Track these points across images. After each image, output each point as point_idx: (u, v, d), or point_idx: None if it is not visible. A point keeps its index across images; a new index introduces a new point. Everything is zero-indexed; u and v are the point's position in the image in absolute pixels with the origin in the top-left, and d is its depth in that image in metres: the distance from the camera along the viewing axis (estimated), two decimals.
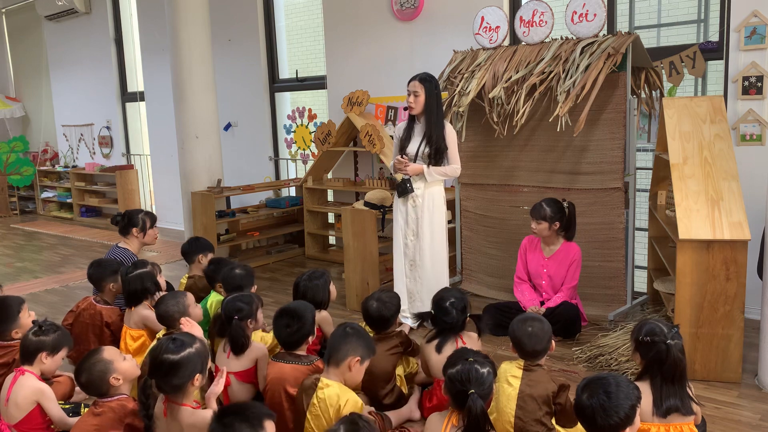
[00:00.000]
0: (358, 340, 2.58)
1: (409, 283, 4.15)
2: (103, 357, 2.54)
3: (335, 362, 2.55)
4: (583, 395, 2.07)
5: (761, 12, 3.98)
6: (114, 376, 2.51)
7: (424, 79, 3.96)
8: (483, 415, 2.17)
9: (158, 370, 2.28)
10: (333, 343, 2.58)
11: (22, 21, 10.38)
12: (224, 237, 6.06)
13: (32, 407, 2.69)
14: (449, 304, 3.01)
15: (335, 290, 3.64)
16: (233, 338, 3.00)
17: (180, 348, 2.29)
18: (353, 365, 2.54)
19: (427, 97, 3.96)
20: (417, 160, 4.02)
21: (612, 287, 4.27)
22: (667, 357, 2.35)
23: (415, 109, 3.98)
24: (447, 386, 2.30)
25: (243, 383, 3.05)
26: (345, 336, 2.58)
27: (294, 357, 2.83)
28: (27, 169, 9.88)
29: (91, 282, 3.84)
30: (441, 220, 4.10)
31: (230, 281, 3.53)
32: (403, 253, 4.15)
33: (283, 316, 2.87)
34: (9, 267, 6.54)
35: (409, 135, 4.07)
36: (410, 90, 3.97)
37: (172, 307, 3.14)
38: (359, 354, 2.56)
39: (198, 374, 2.32)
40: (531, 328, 2.60)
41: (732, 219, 3.20)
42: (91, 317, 3.68)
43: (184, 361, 2.27)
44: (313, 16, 6.87)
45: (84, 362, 2.54)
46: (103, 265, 3.82)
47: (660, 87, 4.43)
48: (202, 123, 6.00)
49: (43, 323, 2.86)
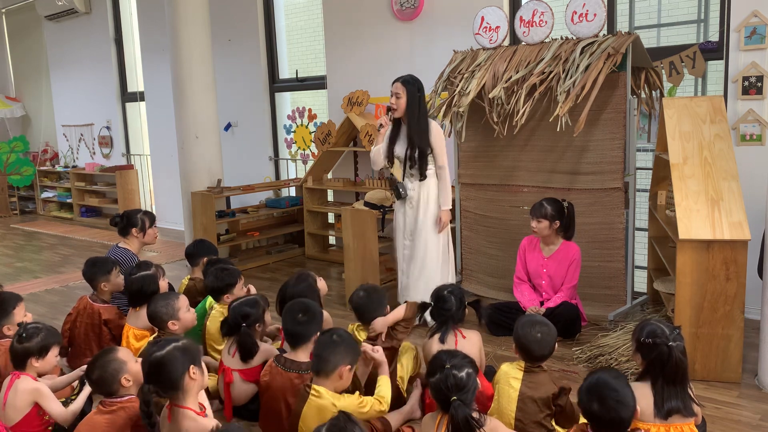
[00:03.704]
0: (346, 348, 2.55)
1: (406, 281, 4.19)
2: (117, 357, 2.55)
3: (325, 373, 2.51)
4: (593, 404, 2.08)
5: (761, 12, 3.98)
6: (126, 376, 2.52)
7: (406, 81, 4.01)
8: (466, 422, 2.17)
9: (149, 373, 2.28)
10: (321, 353, 2.53)
11: (22, 21, 10.37)
12: (224, 237, 6.06)
13: (30, 408, 2.69)
14: (447, 293, 3.06)
15: (324, 284, 3.59)
16: (242, 346, 2.99)
17: (163, 347, 2.29)
18: (344, 373, 2.53)
19: (408, 99, 3.99)
20: (406, 162, 4.07)
21: (612, 287, 4.27)
22: (669, 359, 2.33)
23: (397, 111, 4.03)
24: (431, 393, 2.31)
25: (246, 382, 3.05)
26: (333, 345, 2.53)
27: (295, 364, 2.78)
28: (27, 169, 9.88)
29: (86, 280, 3.83)
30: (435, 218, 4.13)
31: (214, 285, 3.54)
32: (402, 254, 4.22)
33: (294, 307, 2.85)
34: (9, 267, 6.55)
35: (395, 137, 4.12)
36: (392, 91, 4.03)
37: (161, 308, 3.14)
38: (348, 362, 2.54)
39: (191, 366, 2.29)
40: (540, 334, 2.58)
41: (732, 219, 3.20)
42: (89, 316, 3.68)
43: (169, 356, 2.26)
44: (313, 16, 6.87)
45: (98, 359, 2.54)
46: (99, 263, 3.82)
47: (660, 87, 4.42)
48: (202, 123, 6.00)
49: (26, 328, 2.81)
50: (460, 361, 2.29)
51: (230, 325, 3.08)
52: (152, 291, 3.47)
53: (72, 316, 3.76)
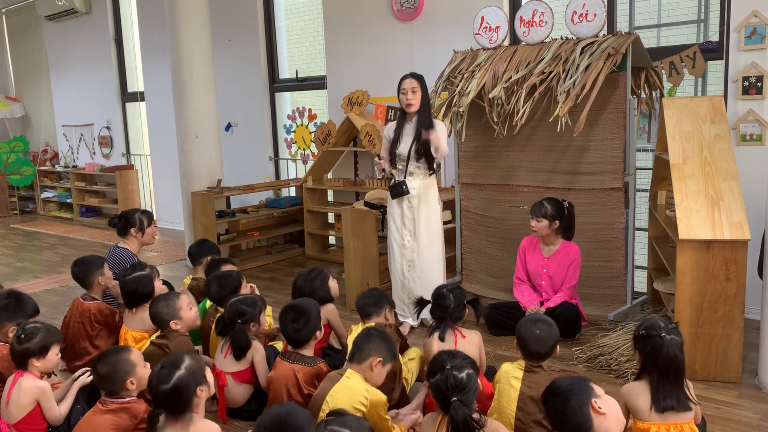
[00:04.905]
0: (381, 342, 2.63)
1: (408, 283, 4.17)
2: (129, 358, 2.55)
3: (358, 360, 2.60)
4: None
5: (761, 12, 3.98)
6: (132, 379, 2.52)
7: (419, 77, 4.04)
8: (465, 422, 2.18)
9: (159, 400, 2.27)
10: (357, 342, 2.64)
11: (22, 21, 10.38)
12: (224, 237, 6.06)
13: (32, 406, 2.70)
14: (446, 291, 3.09)
15: (336, 285, 3.64)
16: (235, 342, 3.00)
17: (170, 375, 2.26)
18: (375, 366, 2.58)
19: (423, 94, 4.01)
20: (409, 160, 4.05)
21: (612, 287, 4.27)
22: (662, 351, 2.34)
23: (415, 105, 4.02)
24: (432, 393, 2.33)
25: (240, 383, 3.05)
26: (369, 336, 2.64)
27: (300, 357, 2.84)
28: (27, 169, 9.87)
29: (76, 280, 3.82)
30: (437, 219, 4.15)
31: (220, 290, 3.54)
32: (401, 254, 4.18)
33: (289, 313, 2.90)
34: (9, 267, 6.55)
35: (399, 135, 4.11)
36: (407, 87, 4.01)
37: (163, 309, 3.15)
38: (381, 355, 2.60)
39: (198, 387, 2.29)
40: (539, 331, 2.60)
41: (732, 219, 3.20)
42: (80, 315, 3.68)
43: (178, 385, 2.25)
44: (313, 16, 6.87)
45: (109, 356, 2.54)
46: (88, 260, 3.81)
47: (660, 87, 4.42)
48: (202, 123, 6.00)
49: (25, 328, 2.81)
50: (460, 361, 2.29)
51: (225, 322, 3.08)
52: (148, 291, 3.47)
53: (66, 318, 3.76)
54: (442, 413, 2.29)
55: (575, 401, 2.11)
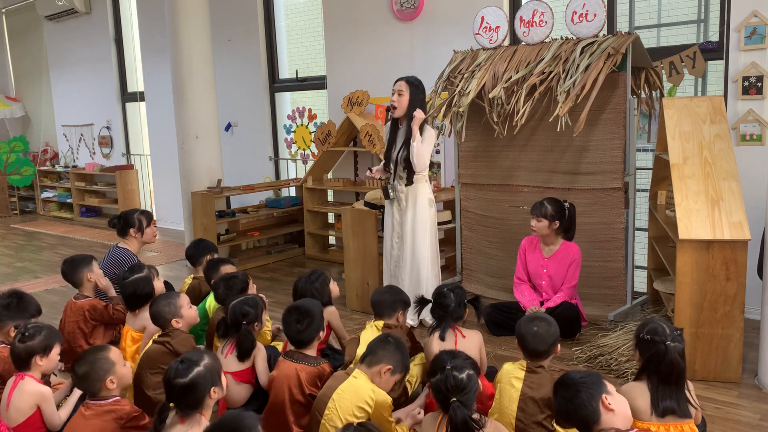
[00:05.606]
0: (396, 351, 2.62)
1: (396, 283, 4.18)
2: (108, 356, 2.53)
3: (369, 363, 2.59)
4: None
5: (761, 12, 3.98)
6: (111, 378, 2.50)
7: (411, 82, 4.04)
8: (465, 423, 2.18)
9: (173, 394, 2.24)
10: (372, 346, 2.64)
11: (22, 21, 10.38)
12: (224, 237, 6.06)
13: (33, 411, 2.68)
14: (447, 290, 3.09)
15: (337, 287, 3.65)
16: (241, 344, 3.00)
17: (188, 369, 2.24)
18: (384, 372, 2.57)
19: (410, 99, 4.00)
20: (397, 166, 4.06)
21: (612, 287, 4.27)
22: (665, 358, 2.34)
23: (398, 110, 4.03)
24: (432, 393, 2.34)
25: (240, 383, 3.05)
26: (386, 343, 2.63)
27: (303, 357, 2.84)
28: (27, 169, 9.87)
29: (65, 279, 3.82)
30: (424, 221, 4.15)
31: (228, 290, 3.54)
32: (390, 255, 4.26)
33: (292, 313, 2.89)
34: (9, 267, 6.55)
35: (392, 140, 4.13)
36: (395, 89, 4.03)
37: (164, 308, 3.14)
38: (392, 364, 2.58)
39: (213, 387, 2.28)
40: (537, 328, 2.60)
41: (732, 219, 3.20)
42: (74, 314, 3.69)
43: (195, 380, 2.23)
44: (313, 16, 6.87)
45: (89, 355, 2.52)
46: (77, 258, 3.83)
47: (660, 87, 4.42)
48: (202, 123, 6.00)
49: (26, 328, 2.81)
50: (461, 362, 2.29)
51: (228, 324, 3.08)
52: (147, 293, 3.48)
53: (61, 321, 3.77)
54: (442, 413, 2.30)
55: (585, 394, 2.11)
